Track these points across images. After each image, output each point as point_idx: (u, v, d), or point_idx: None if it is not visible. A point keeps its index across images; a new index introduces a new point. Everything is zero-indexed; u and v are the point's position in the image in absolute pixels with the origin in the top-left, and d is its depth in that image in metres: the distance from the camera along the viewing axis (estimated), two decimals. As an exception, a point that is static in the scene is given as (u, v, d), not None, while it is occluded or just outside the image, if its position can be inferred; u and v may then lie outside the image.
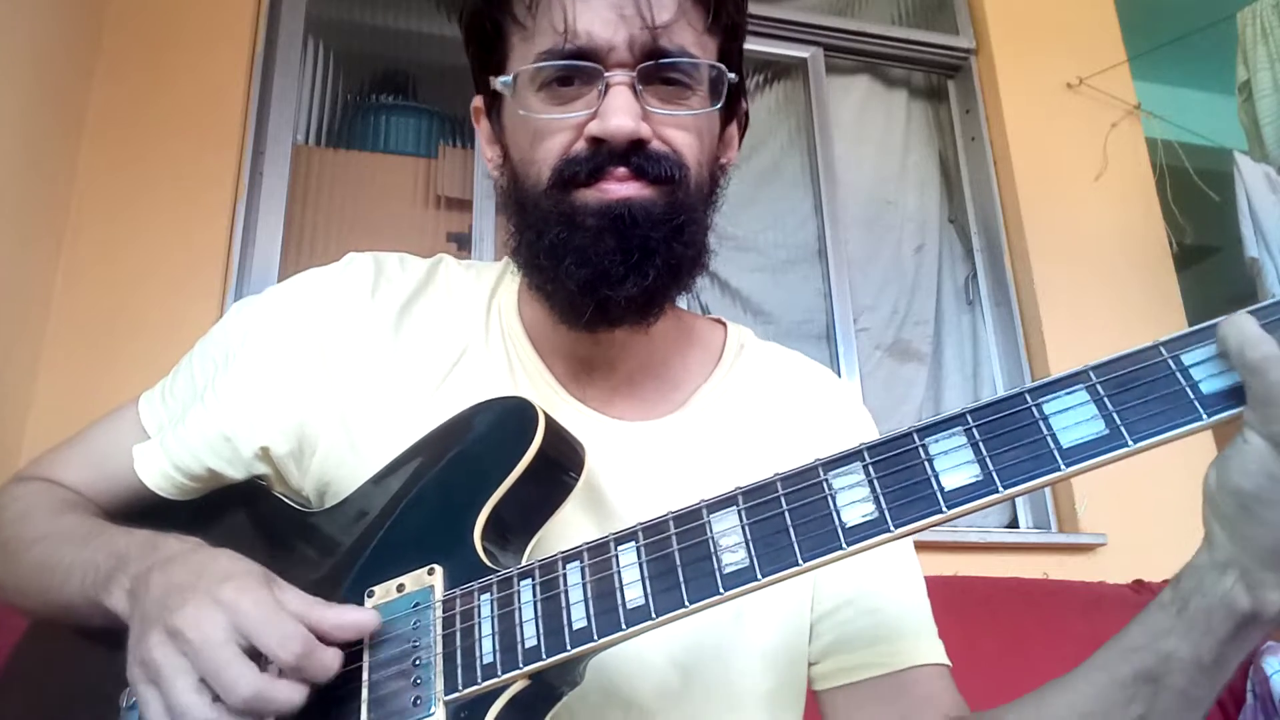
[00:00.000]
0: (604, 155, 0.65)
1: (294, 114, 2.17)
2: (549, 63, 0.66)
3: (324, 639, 0.56)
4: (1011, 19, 2.71)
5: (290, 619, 0.55)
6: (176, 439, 0.74)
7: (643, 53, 0.66)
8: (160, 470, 0.74)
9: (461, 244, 2.22)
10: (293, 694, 0.53)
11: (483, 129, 0.78)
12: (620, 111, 0.64)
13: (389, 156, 2.36)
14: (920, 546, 0.80)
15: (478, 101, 0.78)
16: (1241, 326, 0.46)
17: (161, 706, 0.53)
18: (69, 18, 1.87)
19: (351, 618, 0.57)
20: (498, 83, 0.70)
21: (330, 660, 0.55)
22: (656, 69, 0.67)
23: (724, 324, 0.86)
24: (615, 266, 0.65)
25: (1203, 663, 0.51)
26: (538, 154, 0.68)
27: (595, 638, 0.54)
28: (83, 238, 1.87)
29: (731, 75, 0.71)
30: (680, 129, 0.68)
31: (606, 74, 0.65)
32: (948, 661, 0.74)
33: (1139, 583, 1.90)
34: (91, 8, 1.98)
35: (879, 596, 0.75)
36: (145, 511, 0.75)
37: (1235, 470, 0.48)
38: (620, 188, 0.65)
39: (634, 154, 0.65)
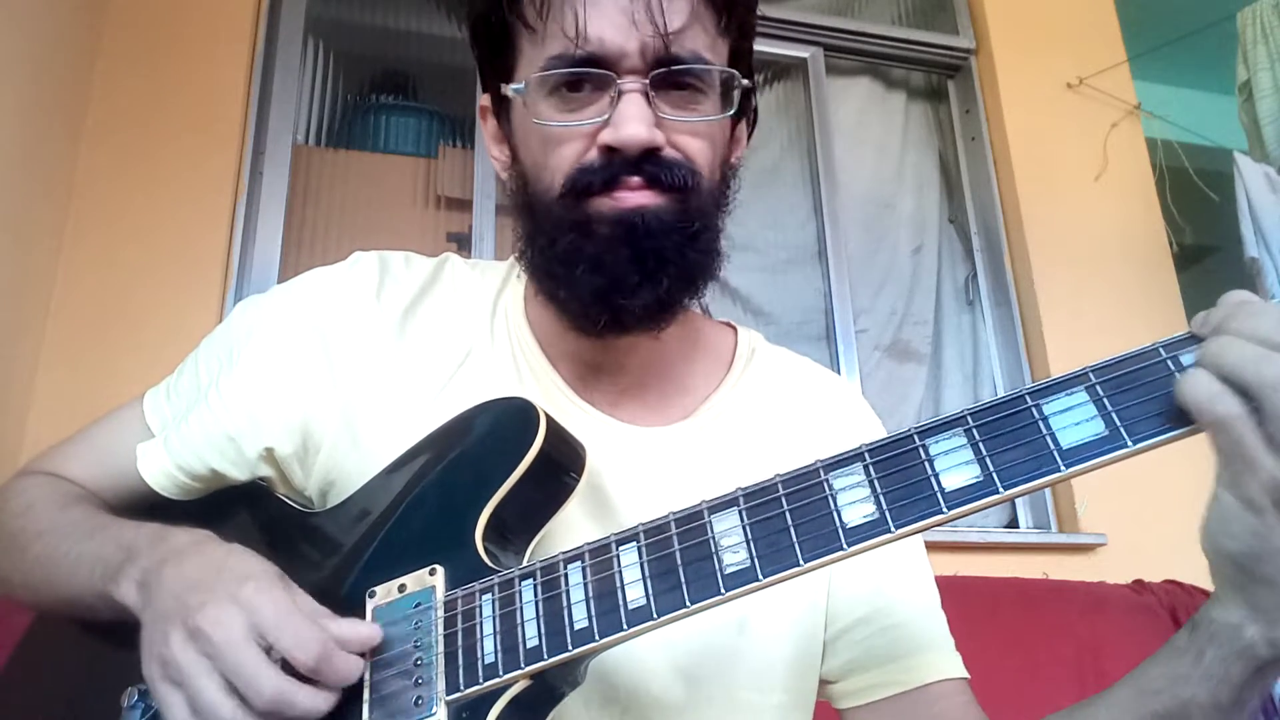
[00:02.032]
0: (618, 164, 0.65)
1: (294, 114, 2.17)
2: (560, 70, 0.65)
3: None
4: (1011, 19, 2.71)
5: (308, 622, 0.55)
6: (180, 438, 0.74)
7: (655, 59, 0.65)
8: (163, 469, 0.74)
9: (461, 244, 2.22)
10: (315, 700, 0.54)
11: (489, 129, 0.77)
12: (634, 120, 0.64)
13: (389, 156, 2.36)
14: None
15: (484, 100, 0.77)
16: (1199, 385, 0.45)
17: (186, 707, 0.53)
18: (69, 17, 1.87)
19: (355, 631, 0.58)
20: (509, 89, 0.69)
21: (346, 666, 0.55)
22: (669, 75, 0.66)
23: (734, 328, 0.86)
24: (630, 275, 0.65)
25: (1221, 706, 0.51)
26: (550, 161, 0.67)
27: (596, 638, 0.54)
28: (83, 238, 1.87)
29: (745, 81, 0.71)
30: (693, 135, 0.68)
31: (619, 81, 0.65)
32: (965, 674, 0.74)
33: (1139, 583, 1.90)
34: (92, 8, 1.98)
35: (895, 613, 0.74)
36: (148, 510, 0.75)
37: (1220, 534, 0.48)
38: (634, 196, 0.65)
39: (647, 162, 0.65)
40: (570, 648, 0.54)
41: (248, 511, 0.76)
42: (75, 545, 0.68)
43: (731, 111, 0.71)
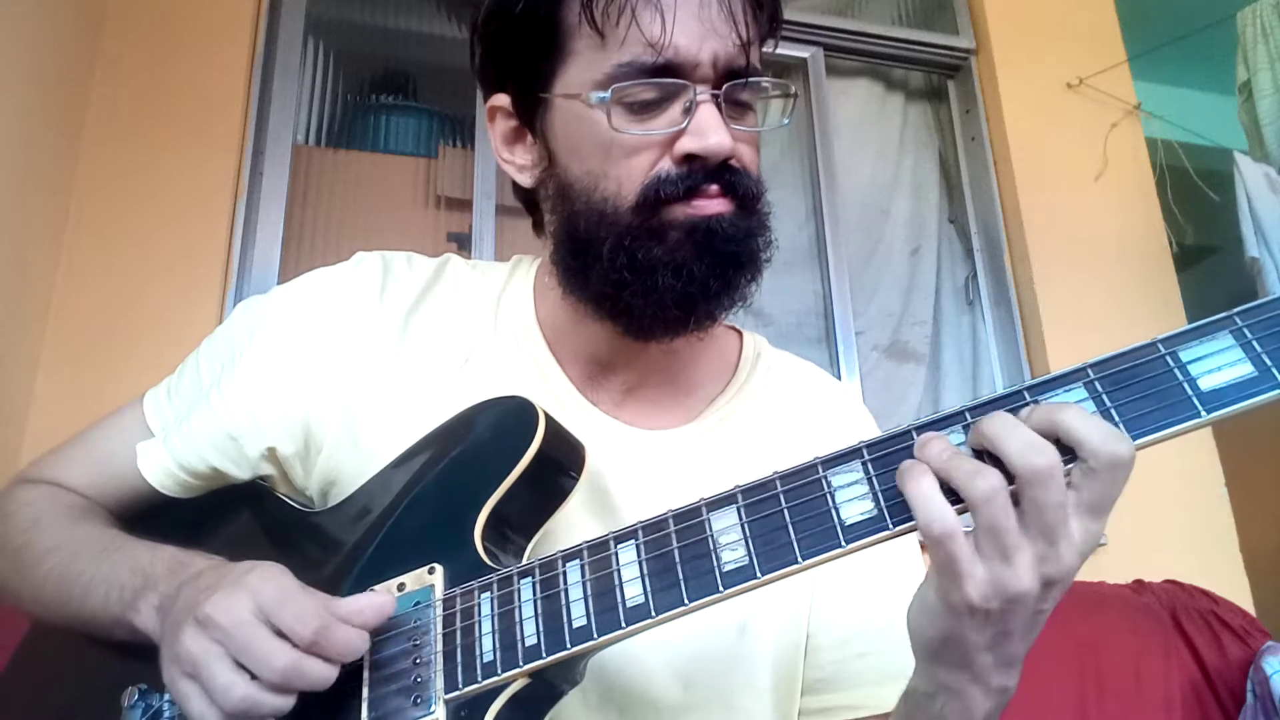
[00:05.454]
0: (699, 174, 0.66)
1: (294, 114, 2.17)
2: (643, 80, 0.65)
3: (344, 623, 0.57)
4: (1011, 19, 2.71)
5: (308, 598, 0.56)
6: (181, 438, 0.74)
7: (726, 69, 0.66)
8: (163, 468, 0.74)
9: (462, 244, 2.22)
10: (325, 670, 0.55)
11: (499, 130, 0.75)
12: (718, 130, 0.65)
13: (389, 156, 2.36)
14: (922, 546, 0.79)
15: (498, 101, 0.74)
16: (929, 499, 0.48)
17: (203, 696, 0.54)
18: (69, 18, 1.87)
19: (367, 600, 0.58)
20: (593, 98, 0.65)
21: (346, 638, 0.56)
22: (740, 87, 0.67)
23: (739, 331, 0.86)
24: (712, 281, 0.67)
25: None
26: (618, 170, 0.67)
27: (595, 636, 0.54)
28: (83, 238, 1.87)
29: (795, 91, 0.73)
30: (749, 144, 0.70)
31: (696, 89, 0.65)
32: None
33: (1139, 583, 1.90)
34: (91, 8, 1.98)
35: (877, 639, 0.73)
36: (148, 511, 0.75)
37: (922, 620, 0.52)
38: (712, 204, 0.66)
39: (725, 171, 0.66)
40: (568, 646, 0.54)
41: (248, 510, 0.76)
42: (88, 565, 0.67)
43: (786, 121, 0.73)
